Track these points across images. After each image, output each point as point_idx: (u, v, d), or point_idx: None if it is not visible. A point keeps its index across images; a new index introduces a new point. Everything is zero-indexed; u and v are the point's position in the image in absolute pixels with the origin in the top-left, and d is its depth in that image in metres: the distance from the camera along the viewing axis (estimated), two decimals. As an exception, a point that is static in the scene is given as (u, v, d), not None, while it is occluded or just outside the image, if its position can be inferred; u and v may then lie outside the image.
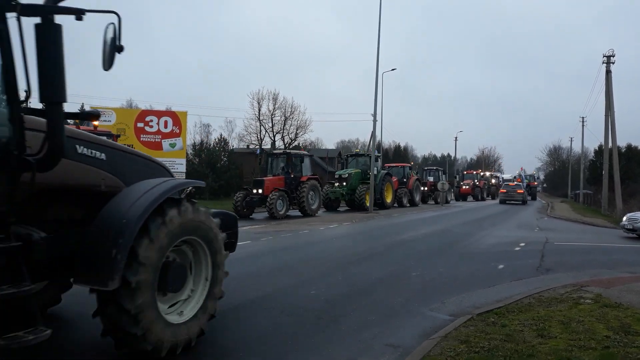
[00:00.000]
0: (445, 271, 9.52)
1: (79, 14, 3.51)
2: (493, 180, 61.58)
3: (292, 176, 22.61)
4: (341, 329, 5.67)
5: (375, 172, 27.27)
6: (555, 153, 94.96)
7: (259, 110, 49.78)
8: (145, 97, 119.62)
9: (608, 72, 30.69)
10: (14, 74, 3.53)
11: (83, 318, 5.51)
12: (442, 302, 7.04)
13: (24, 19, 3.40)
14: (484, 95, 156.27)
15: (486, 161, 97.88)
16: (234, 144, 56.16)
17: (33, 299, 3.52)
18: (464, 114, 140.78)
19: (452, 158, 75.10)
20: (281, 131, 50.46)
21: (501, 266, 10.17)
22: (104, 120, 29.62)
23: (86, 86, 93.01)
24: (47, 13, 3.33)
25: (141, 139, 29.41)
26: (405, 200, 32.57)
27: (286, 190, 21.81)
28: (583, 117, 56.71)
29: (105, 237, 3.96)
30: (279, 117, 50.24)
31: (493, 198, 55.35)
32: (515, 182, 45.43)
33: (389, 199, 29.67)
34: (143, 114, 30.69)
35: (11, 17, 3.44)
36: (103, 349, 4.58)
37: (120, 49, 3.65)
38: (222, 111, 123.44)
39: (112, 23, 3.63)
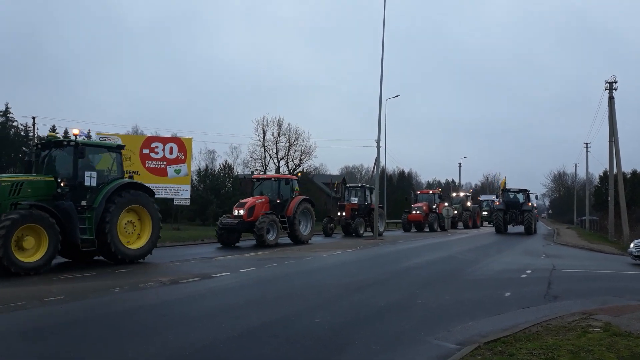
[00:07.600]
0: (451, 298, 9.41)
1: None
2: (469, 203, 46.11)
3: None
4: (347, 358, 5.59)
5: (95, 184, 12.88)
6: (559, 179, 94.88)
7: (264, 136, 50.20)
8: (152, 123, 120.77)
9: (611, 99, 30.81)
10: None
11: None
12: (448, 331, 6.94)
13: None
14: (488, 124, 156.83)
15: (491, 187, 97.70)
16: (238, 169, 56.39)
17: None
18: (469, 141, 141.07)
19: (457, 184, 74.94)
20: (285, 157, 50.74)
21: (508, 293, 10.04)
22: (110, 147, 29.90)
23: (90, 113, 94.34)
24: None
25: (147, 165, 29.48)
26: (271, 234, 19.93)
27: None
28: (587, 143, 56.74)
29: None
30: (284, 143, 50.59)
31: (468, 227, 42.24)
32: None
33: (143, 241, 13.62)
34: (149, 140, 30.87)
35: None
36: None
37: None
38: (227, 137, 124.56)
39: None
